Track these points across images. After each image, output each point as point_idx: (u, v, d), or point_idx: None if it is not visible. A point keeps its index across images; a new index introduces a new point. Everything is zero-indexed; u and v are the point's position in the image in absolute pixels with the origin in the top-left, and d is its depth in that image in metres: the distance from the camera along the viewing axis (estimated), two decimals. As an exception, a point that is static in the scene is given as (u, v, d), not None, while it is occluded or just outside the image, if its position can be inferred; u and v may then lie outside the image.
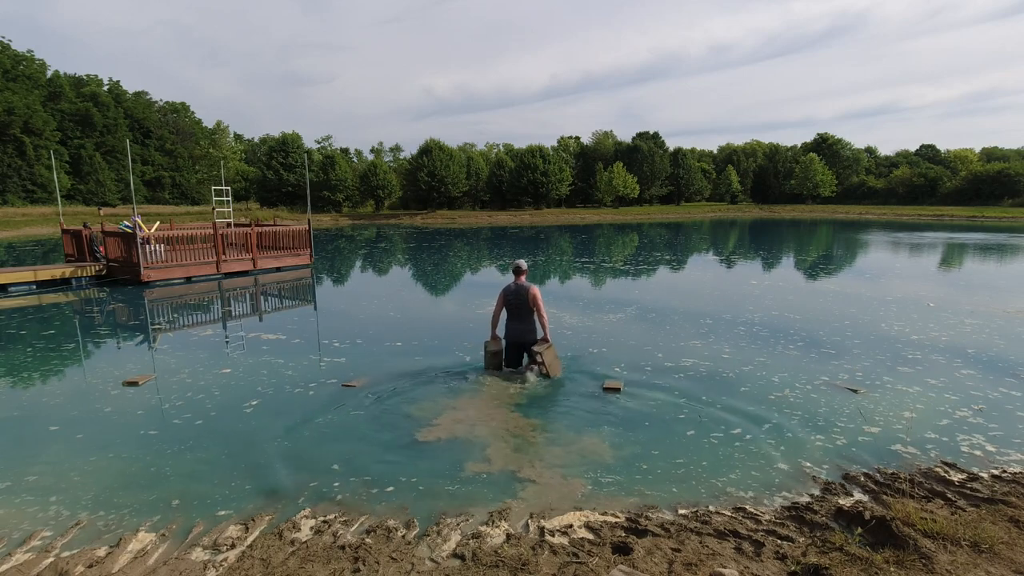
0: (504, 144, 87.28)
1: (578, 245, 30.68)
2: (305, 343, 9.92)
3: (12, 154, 51.40)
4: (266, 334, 10.77)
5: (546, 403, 6.88)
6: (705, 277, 18.23)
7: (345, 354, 9.08)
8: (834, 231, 41.83)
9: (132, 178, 26.12)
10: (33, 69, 59.80)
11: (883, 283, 16.62)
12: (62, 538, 4.20)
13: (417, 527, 4.29)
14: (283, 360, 8.77)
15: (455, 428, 6.20)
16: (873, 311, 12.24)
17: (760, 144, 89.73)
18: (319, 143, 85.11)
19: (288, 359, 8.83)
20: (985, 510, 4.33)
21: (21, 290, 15.14)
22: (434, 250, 27.87)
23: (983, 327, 10.68)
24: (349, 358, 8.84)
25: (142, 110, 68.12)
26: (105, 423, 6.36)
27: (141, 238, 15.82)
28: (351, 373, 8.04)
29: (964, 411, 6.59)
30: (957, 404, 6.80)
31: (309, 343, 9.94)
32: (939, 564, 3.47)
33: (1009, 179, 67.27)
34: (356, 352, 9.19)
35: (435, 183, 61.98)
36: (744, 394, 7.14)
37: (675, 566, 3.61)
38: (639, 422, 6.28)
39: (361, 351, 9.25)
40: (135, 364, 8.79)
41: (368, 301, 14.57)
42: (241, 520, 4.40)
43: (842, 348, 9.27)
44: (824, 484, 4.94)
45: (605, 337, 10.04)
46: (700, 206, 76.80)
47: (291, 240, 20.21)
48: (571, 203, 70.76)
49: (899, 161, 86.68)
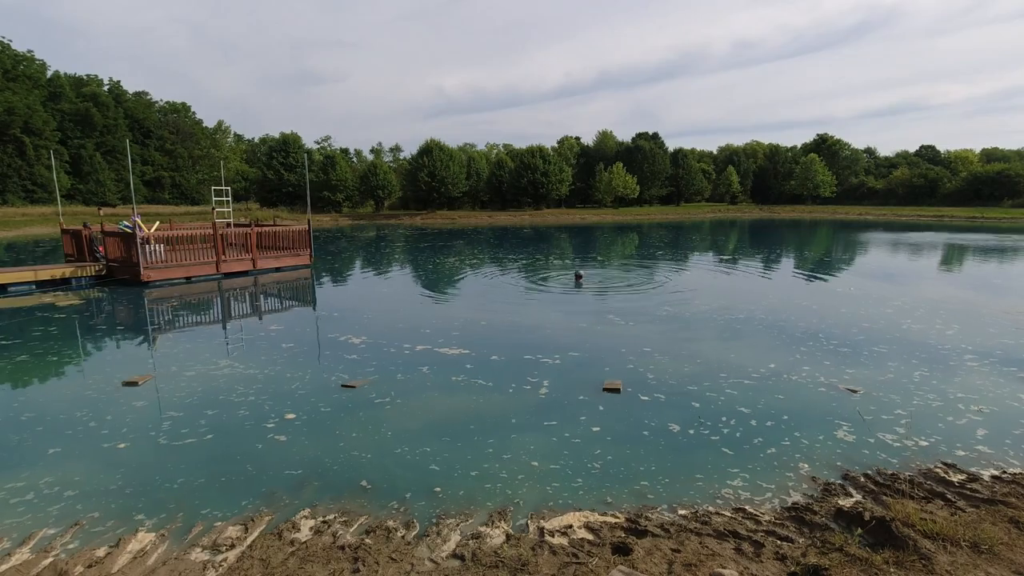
0: (504, 144, 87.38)
1: (584, 244, 30.68)
2: (305, 343, 9.92)
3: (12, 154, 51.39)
4: (265, 334, 10.76)
5: (546, 403, 6.87)
6: (704, 276, 18.23)
7: (345, 354, 9.08)
8: (835, 232, 41.81)
9: (132, 178, 26.13)
10: (33, 69, 59.79)
11: (882, 284, 16.62)
12: (62, 538, 4.20)
13: (417, 527, 4.29)
14: (282, 360, 8.77)
15: (455, 428, 6.20)
16: (874, 311, 12.24)
17: (760, 144, 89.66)
18: (319, 143, 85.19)
19: (287, 359, 8.83)
20: (985, 511, 4.33)
21: (21, 290, 15.13)
22: (437, 250, 27.87)
23: (983, 327, 10.68)
24: (349, 358, 8.84)
25: (142, 110, 68.10)
26: (104, 423, 6.36)
27: (141, 238, 15.81)
28: (351, 373, 8.03)
29: (964, 411, 6.59)
30: (957, 404, 6.80)
31: (309, 343, 9.94)
32: (939, 565, 3.47)
33: (1009, 180, 67.26)
34: (356, 352, 9.19)
35: (435, 183, 61.95)
36: (744, 395, 7.13)
37: (675, 567, 3.61)
38: (639, 422, 6.28)
39: (361, 351, 9.24)
40: (134, 364, 8.78)
41: (368, 301, 14.56)
42: (240, 520, 4.40)
43: (842, 348, 9.26)
44: (824, 484, 4.94)
45: (605, 336, 10.03)
46: (700, 207, 76.76)
47: (291, 240, 20.22)
48: (571, 203, 70.74)
49: (899, 162, 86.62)
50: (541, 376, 7.85)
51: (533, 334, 10.22)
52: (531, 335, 10.13)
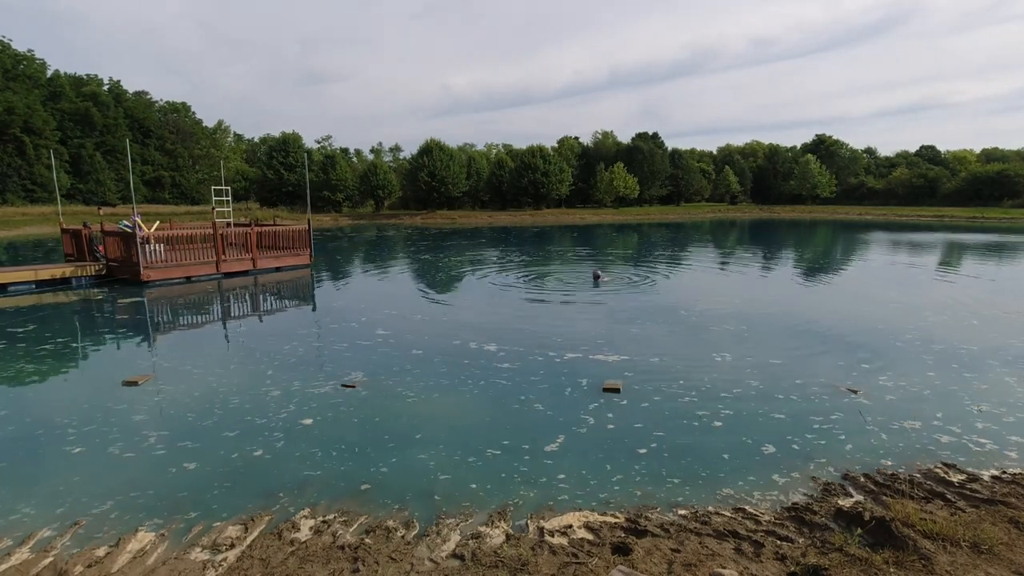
0: (504, 144, 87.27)
1: (587, 243, 30.68)
2: (304, 343, 9.92)
3: (12, 154, 51.36)
4: (265, 334, 10.76)
5: (546, 403, 6.87)
6: (705, 276, 18.23)
7: (344, 354, 9.08)
8: (835, 232, 41.81)
9: (132, 178, 26.15)
10: (33, 69, 59.77)
11: (882, 283, 16.62)
12: (62, 538, 4.19)
13: (417, 527, 4.29)
14: (282, 360, 8.77)
15: (455, 428, 6.20)
16: (873, 311, 12.24)
17: (760, 144, 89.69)
18: (319, 143, 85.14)
19: (287, 359, 8.83)
20: (985, 511, 4.33)
21: (21, 290, 15.13)
22: (438, 250, 27.86)
23: (984, 327, 10.68)
24: (347, 359, 8.84)
25: (142, 110, 68.06)
26: (104, 423, 6.36)
27: (141, 238, 15.81)
28: (350, 373, 8.03)
29: (964, 411, 6.59)
30: (958, 404, 6.80)
31: (308, 343, 9.94)
32: (939, 565, 3.47)
33: (1009, 180, 67.27)
34: (355, 352, 9.19)
35: (436, 183, 61.91)
36: (743, 394, 7.14)
37: (675, 567, 3.61)
38: (639, 422, 6.28)
39: (360, 351, 9.24)
40: (134, 364, 8.78)
41: (368, 301, 14.56)
42: (240, 520, 4.40)
43: (843, 348, 9.26)
44: (824, 484, 4.94)
45: (605, 335, 10.03)
46: (700, 207, 76.72)
47: (291, 240, 20.22)
48: (571, 203, 70.72)
49: (898, 162, 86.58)
50: (541, 375, 7.85)
51: (533, 333, 10.21)
52: (531, 334, 10.12)
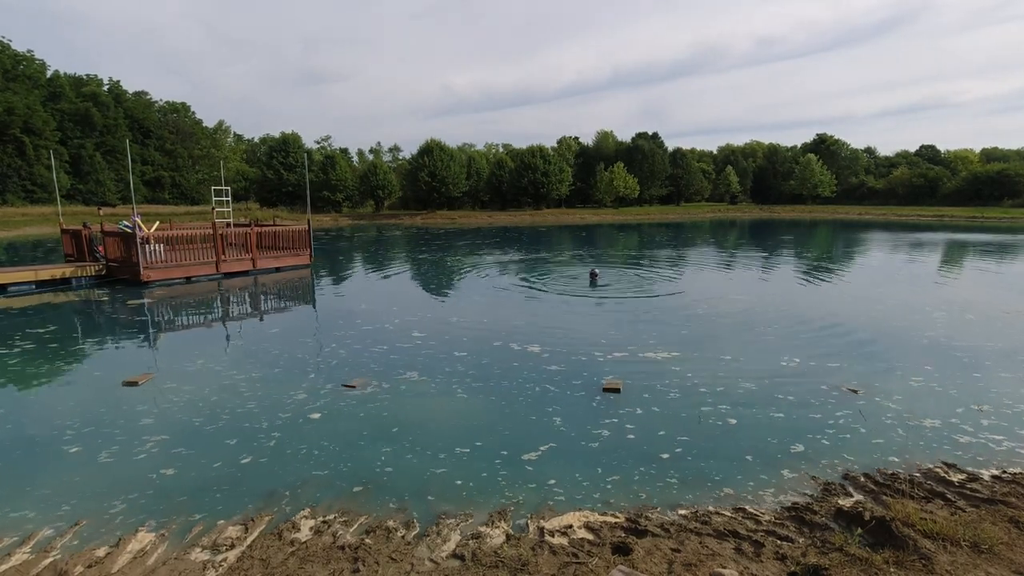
0: (504, 144, 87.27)
1: (587, 243, 30.69)
2: (304, 344, 9.92)
3: (12, 154, 51.36)
4: (265, 334, 10.76)
5: (546, 403, 6.87)
6: (705, 275, 18.22)
7: (345, 354, 9.08)
8: (835, 231, 41.80)
9: (132, 178, 26.14)
10: (33, 69, 59.78)
11: (882, 283, 16.61)
12: (62, 538, 4.19)
13: (417, 527, 4.29)
14: (282, 360, 8.77)
15: (455, 427, 6.21)
16: (873, 311, 12.24)
17: (760, 144, 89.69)
18: (319, 143, 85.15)
19: (287, 359, 8.83)
20: (985, 510, 4.33)
21: (21, 290, 15.13)
22: (438, 250, 27.86)
23: (985, 326, 10.67)
24: (348, 359, 8.84)
25: (142, 110, 68.07)
26: (105, 423, 6.36)
27: (141, 238, 15.81)
28: (351, 373, 8.03)
29: (965, 411, 6.59)
30: (958, 404, 6.80)
31: (308, 343, 9.94)
32: (939, 564, 3.47)
33: (1009, 179, 67.27)
34: (356, 352, 9.19)
35: (436, 183, 61.92)
36: (744, 394, 7.13)
37: (675, 566, 3.61)
38: (639, 422, 6.28)
39: (360, 352, 9.24)
40: (135, 364, 8.78)
41: (368, 301, 14.56)
42: (240, 520, 4.40)
43: (843, 348, 9.26)
44: (824, 484, 4.94)
45: (606, 335, 10.03)
46: (700, 206, 76.71)
47: (291, 240, 20.22)
48: (571, 203, 70.72)
49: (899, 161, 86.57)
50: (542, 375, 7.85)
51: (534, 333, 10.21)
52: (532, 334, 10.12)
